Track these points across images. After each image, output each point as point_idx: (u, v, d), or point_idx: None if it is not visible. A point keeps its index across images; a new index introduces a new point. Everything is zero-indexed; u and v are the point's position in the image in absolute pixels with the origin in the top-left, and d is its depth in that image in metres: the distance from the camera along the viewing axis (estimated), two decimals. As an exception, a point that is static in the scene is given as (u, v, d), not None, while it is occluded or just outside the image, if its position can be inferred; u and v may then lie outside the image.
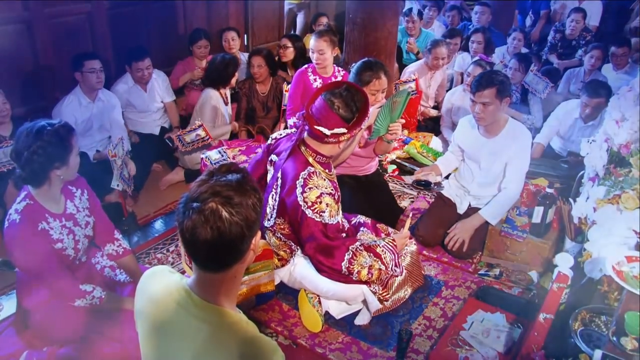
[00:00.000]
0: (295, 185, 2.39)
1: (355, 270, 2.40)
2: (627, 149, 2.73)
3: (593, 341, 1.99)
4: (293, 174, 2.42)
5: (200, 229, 1.21)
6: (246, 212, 1.23)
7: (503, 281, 3.03)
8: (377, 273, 2.43)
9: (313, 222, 2.37)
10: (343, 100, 2.32)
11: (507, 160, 3.11)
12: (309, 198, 2.37)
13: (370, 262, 2.42)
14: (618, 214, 2.43)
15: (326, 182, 2.44)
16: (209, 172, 1.29)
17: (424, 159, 4.31)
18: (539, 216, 3.01)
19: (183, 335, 1.32)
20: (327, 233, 2.40)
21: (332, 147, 2.42)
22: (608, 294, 2.22)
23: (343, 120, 2.32)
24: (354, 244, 2.44)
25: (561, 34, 5.91)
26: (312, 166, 2.43)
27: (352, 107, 2.33)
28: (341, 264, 2.40)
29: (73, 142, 2.20)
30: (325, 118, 2.33)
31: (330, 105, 2.32)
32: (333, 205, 2.43)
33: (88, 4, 4.12)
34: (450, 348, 2.47)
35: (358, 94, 2.36)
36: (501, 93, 2.97)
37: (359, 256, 2.40)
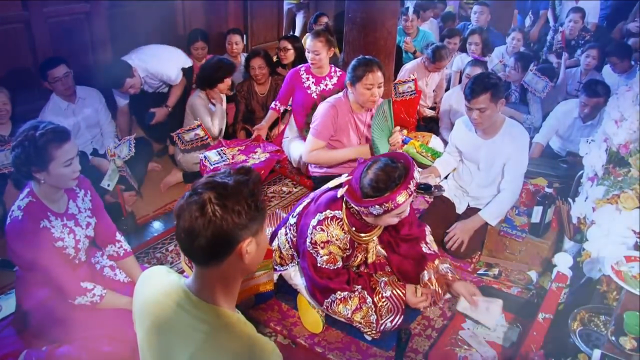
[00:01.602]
0: (315, 216, 2.37)
1: (333, 313, 2.44)
2: (626, 148, 2.73)
3: (592, 341, 1.99)
4: (322, 205, 2.40)
5: (184, 215, 1.24)
6: (228, 215, 1.23)
7: (502, 281, 3.03)
8: (357, 323, 2.43)
9: (309, 255, 2.39)
10: (376, 172, 2.20)
11: (505, 161, 3.11)
12: (315, 237, 2.35)
13: (350, 314, 2.40)
14: (617, 213, 2.44)
15: (344, 236, 2.37)
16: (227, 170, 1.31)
17: (424, 158, 4.29)
18: (538, 216, 3.01)
19: (181, 335, 1.32)
20: (317, 272, 2.41)
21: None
22: (607, 293, 2.22)
23: (360, 188, 2.22)
24: (343, 292, 2.40)
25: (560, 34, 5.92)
26: (340, 212, 2.37)
27: (377, 185, 2.18)
28: (324, 300, 2.43)
29: (54, 153, 2.10)
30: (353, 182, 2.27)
31: (365, 168, 2.23)
32: (337, 254, 2.39)
33: (87, 3, 4.11)
34: (449, 348, 2.47)
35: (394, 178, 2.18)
36: (495, 96, 2.96)
37: (339, 306, 2.40)
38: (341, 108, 3.36)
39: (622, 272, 1.98)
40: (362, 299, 2.43)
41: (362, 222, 2.37)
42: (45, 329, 2.33)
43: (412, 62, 5.12)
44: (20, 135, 2.10)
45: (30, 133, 2.08)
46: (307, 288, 2.56)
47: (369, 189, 2.19)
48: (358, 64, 3.17)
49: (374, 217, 2.26)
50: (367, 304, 2.43)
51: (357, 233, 2.43)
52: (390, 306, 2.47)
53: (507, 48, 5.57)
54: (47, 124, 2.14)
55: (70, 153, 2.16)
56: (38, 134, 2.08)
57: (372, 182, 2.19)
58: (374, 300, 2.45)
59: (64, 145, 2.13)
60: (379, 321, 2.44)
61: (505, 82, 4.76)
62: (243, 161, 3.94)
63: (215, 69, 3.95)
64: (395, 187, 2.17)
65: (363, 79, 3.12)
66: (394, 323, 2.46)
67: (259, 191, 1.30)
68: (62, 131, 2.15)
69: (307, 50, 3.90)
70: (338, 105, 3.36)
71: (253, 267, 1.37)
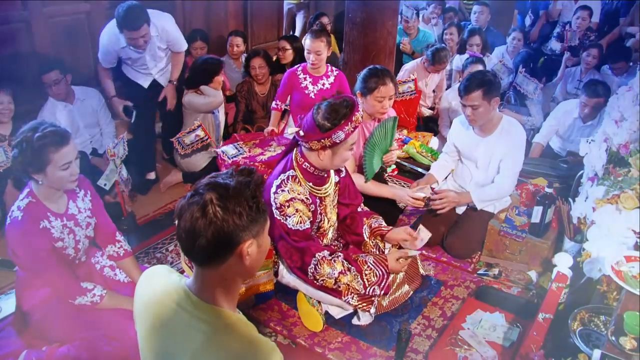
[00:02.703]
0: (272, 183, 2.44)
1: (320, 278, 2.42)
2: (626, 148, 2.73)
3: (592, 341, 1.99)
4: (275, 174, 2.49)
5: (186, 215, 1.24)
6: (229, 216, 1.23)
7: (502, 281, 3.04)
8: (344, 287, 2.44)
9: (280, 223, 2.41)
10: (325, 108, 2.33)
11: (502, 157, 3.12)
12: (278, 200, 2.41)
13: (337, 274, 2.41)
14: (617, 213, 2.44)
15: (303, 189, 2.45)
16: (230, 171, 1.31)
17: (423, 158, 4.31)
18: (538, 216, 3.01)
19: (181, 335, 1.32)
20: (291, 236, 2.42)
21: (315, 155, 2.42)
22: (607, 293, 2.22)
23: (317, 127, 2.32)
24: (320, 252, 2.43)
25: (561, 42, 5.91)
26: (293, 170, 2.45)
27: (331, 116, 2.30)
28: (308, 268, 2.43)
29: (52, 156, 2.09)
30: (306, 122, 2.37)
31: (314, 111, 2.35)
32: (304, 211, 2.43)
33: (87, 3, 4.12)
34: (450, 348, 2.47)
35: (342, 107, 2.32)
36: (488, 94, 2.96)
37: (323, 265, 2.41)
38: None
39: (622, 272, 1.98)
40: (346, 267, 2.45)
41: (315, 175, 2.48)
42: (45, 329, 2.33)
43: (412, 62, 5.12)
44: (19, 136, 2.09)
45: (29, 135, 2.07)
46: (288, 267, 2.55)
47: (327, 121, 2.30)
48: (370, 75, 3.08)
49: (332, 155, 2.39)
50: (352, 272, 2.44)
51: (314, 187, 2.50)
52: (376, 273, 2.48)
53: (508, 48, 5.57)
54: (47, 125, 2.12)
55: (68, 156, 2.14)
56: (36, 137, 2.06)
57: (328, 115, 2.31)
58: (359, 269, 2.46)
59: (61, 149, 2.11)
60: (367, 286, 2.45)
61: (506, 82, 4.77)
62: (260, 154, 3.95)
63: (202, 71, 3.96)
64: (350, 112, 2.31)
65: (375, 92, 3.06)
66: (382, 287, 2.48)
67: (260, 193, 1.30)
68: (61, 134, 2.13)
69: (307, 50, 3.89)
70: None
71: (254, 269, 1.37)
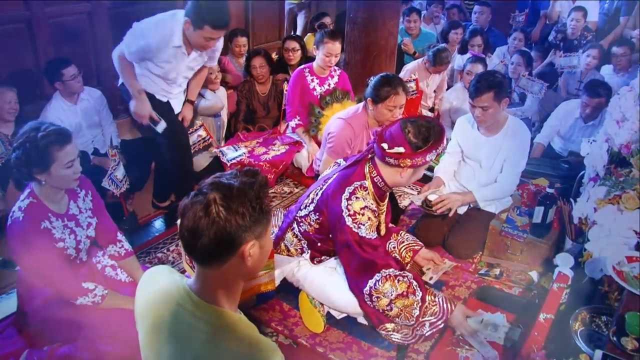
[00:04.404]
0: (344, 190, 2.42)
1: (375, 295, 2.38)
2: (627, 149, 2.73)
3: (593, 341, 2.00)
4: (347, 179, 2.46)
5: (189, 214, 1.24)
6: (232, 216, 1.23)
7: (503, 281, 3.03)
8: (396, 311, 2.38)
9: (350, 230, 2.39)
10: (416, 127, 2.34)
11: (505, 157, 3.12)
12: (352, 207, 2.39)
13: (395, 296, 2.36)
14: (619, 214, 2.44)
15: (372, 202, 2.45)
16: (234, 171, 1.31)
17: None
18: (539, 216, 3.00)
19: (182, 335, 1.32)
20: (362, 246, 2.40)
21: (394, 172, 2.41)
22: (608, 294, 2.22)
23: (408, 144, 2.32)
24: (388, 269, 2.40)
25: (562, 34, 5.91)
26: (366, 181, 2.45)
27: (423, 135, 2.33)
28: (368, 281, 2.39)
29: (56, 154, 2.11)
30: (393, 138, 2.36)
31: (403, 128, 2.35)
32: (374, 220, 2.44)
33: (89, 3, 4.11)
34: (451, 348, 2.47)
35: (435, 128, 2.37)
36: (499, 95, 2.97)
37: (385, 283, 2.37)
38: (357, 125, 3.29)
39: (623, 272, 1.98)
40: (412, 289, 2.38)
41: (381, 190, 2.50)
42: (46, 329, 2.33)
43: (413, 62, 5.12)
44: (22, 137, 2.10)
45: (32, 134, 2.08)
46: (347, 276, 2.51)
47: (419, 141, 2.34)
48: (383, 83, 3.07)
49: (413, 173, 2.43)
50: (416, 297, 2.38)
51: (378, 201, 2.52)
52: (436, 310, 2.42)
53: (509, 48, 5.57)
54: (48, 125, 2.14)
55: (71, 155, 2.16)
56: (40, 136, 2.08)
57: (418, 134, 2.34)
58: (424, 295, 2.40)
59: (65, 147, 2.13)
60: (419, 319, 2.39)
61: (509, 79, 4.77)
62: (263, 153, 3.96)
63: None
64: (441, 134, 2.37)
65: (387, 100, 3.06)
66: (433, 327, 2.43)
67: (264, 194, 1.30)
68: (63, 133, 2.15)
69: (326, 53, 3.84)
70: (354, 123, 3.30)
71: (255, 270, 1.37)
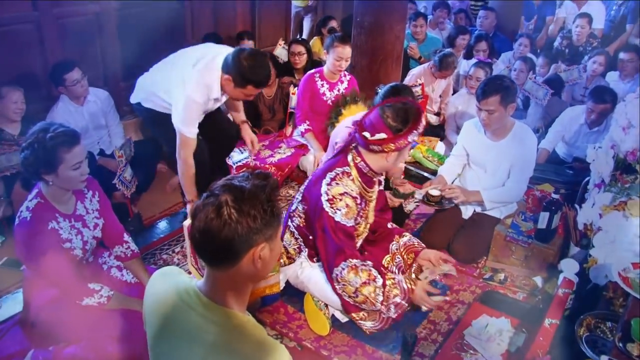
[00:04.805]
0: (325, 176, 2.46)
1: (342, 282, 2.44)
2: (633, 155, 2.74)
3: (598, 347, 2.00)
4: (330, 167, 2.51)
5: (200, 215, 1.25)
6: (243, 219, 1.24)
7: (508, 286, 3.04)
8: (362, 298, 2.44)
9: (327, 215, 2.42)
10: (394, 111, 2.36)
11: (513, 163, 3.13)
12: (331, 191, 2.43)
13: (360, 284, 2.42)
14: (624, 220, 2.44)
15: (355, 187, 2.48)
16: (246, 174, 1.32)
17: (430, 163, 4.31)
18: (544, 222, 3.01)
19: (191, 336, 1.32)
20: (337, 232, 2.43)
21: (379, 158, 2.43)
22: (613, 300, 2.23)
23: (388, 129, 2.34)
24: (353, 259, 2.45)
25: (568, 41, 5.91)
26: (348, 167, 2.48)
27: (401, 118, 2.35)
28: (334, 269, 2.43)
29: (64, 156, 2.12)
30: (374, 125, 2.37)
31: (381, 114, 2.37)
32: (353, 208, 2.46)
33: (97, 5, 4.13)
34: (455, 352, 2.48)
35: (412, 108, 2.38)
36: (505, 100, 2.98)
37: (351, 272, 2.42)
38: None
39: (629, 278, 1.97)
40: (372, 277, 2.44)
41: (367, 176, 2.51)
42: (52, 329, 2.32)
43: (419, 67, 5.13)
44: (30, 137, 2.11)
45: (41, 135, 2.09)
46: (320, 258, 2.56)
47: (399, 124, 2.34)
48: (391, 93, 3.02)
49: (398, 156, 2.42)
50: (377, 283, 2.44)
51: (365, 187, 2.53)
52: (398, 292, 2.48)
53: (515, 54, 5.57)
54: (57, 126, 2.15)
55: (79, 156, 2.17)
56: (48, 137, 2.09)
57: (397, 118, 2.35)
58: (384, 282, 2.46)
59: (73, 149, 2.14)
60: (384, 303, 2.45)
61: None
62: (269, 156, 3.97)
63: None
64: (419, 113, 2.38)
65: None
66: (399, 308, 2.48)
67: (275, 197, 1.31)
68: (72, 134, 2.16)
69: (337, 57, 3.84)
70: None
71: (265, 273, 1.38)
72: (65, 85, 3.56)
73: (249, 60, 2.89)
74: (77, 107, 3.70)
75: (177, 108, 3.02)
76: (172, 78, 3.07)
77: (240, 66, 2.89)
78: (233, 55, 2.93)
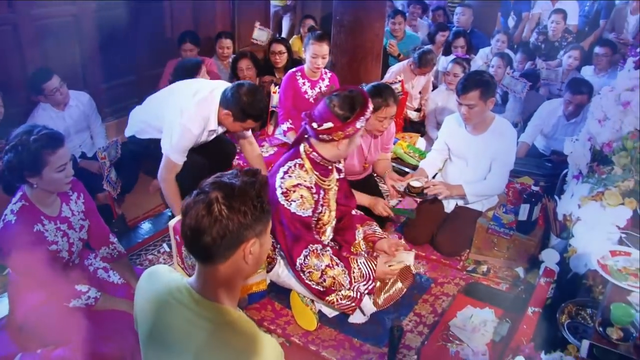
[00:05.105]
0: (279, 170, 2.49)
1: (307, 270, 2.47)
2: (609, 147, 2.81)
3: (579, 333, 2.05)
4: (283, 161, 2.55)
5: (191, 213, 1.27)
6: (234, 215, 1.26)
7: (491, 277, 3.10)
8: (330, 281, 2.47)
9: (283, 208, 2.45)
10: (340, 99, 2.39)
11: (493, 157, 3.18)
12: (284, 184, 2.46)
13: (323, 266, 2.45)
14: (602, 210, 2.51)
15: (310, 178, 2.51)
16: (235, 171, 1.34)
17: (411, 158, 4.36)
18: (525, 214, 3.07)
19: (183, 332, 1.33)
20: (294, 222, 2.46)
21: (330, 147, 2.47)
22: (593, 287, 2.28)
23: (336, 118, 2.37)
24: (315, 244, 2.49)
25: (544, 36, 6.02)
26: (301, 159, 2.52)
27: (348, 105, 2.38)
28: (297, 258, 2.47)
29: (48, 158, 2.11)
30: (322, 115, 2.40)
31: (328, 104, 2.40)
32: (308, 198, 2.49)
33: (74, 6, 4.10)
34: (441, 343, 2.52)
35: (358, 97, 2.41)
36: (485, 94, 3.03)
37: (313, 257, 2.45)
38: None
39: (608, 266, 2.04)
40: (334, 262, 2.50)
41: (322, 166, 2.55)
42: (39, 332, 2.31)
43: (398, 64, 5.18)
44: (14, 140, 2.09)
45: (24, 138, 2.08)
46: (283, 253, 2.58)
47: (346, 112, 2.38)
48: (373, 93, 3.01)
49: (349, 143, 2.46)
50: (339, 267, 2.49)
51: (321, 177, 2.57)
52: (363, 272, 2.53)
53: (492, 49, 5.65)
54: (41, 128, 2.13)
55: (63, 158, 2.16)
56: (32, 139, 2.07)
57: (346, 105, 2.38)
58: (347, 265, 2.51)
59: (57, 151, 2.13)
60: (352, 282, 2.50)
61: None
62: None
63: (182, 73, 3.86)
64: (365, 100, 2.42)
65: (377, 111, 3.05)
66: (368, 285, 2.53)
67: (265, 193, 1.33)
68: (56, 137, 2.14)
69: (313, 54, 3.88)
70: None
71: (255, 268, 1.40)
72: (44, 95, 3.51)
73: (249, 96, 2.97)
74: (58, 112, 3.66)
75: (169, 134, 3.08)
76: (170, 105, 3.14)
77: (241, 102, 2.98)
78: (232, 91, 3.01)
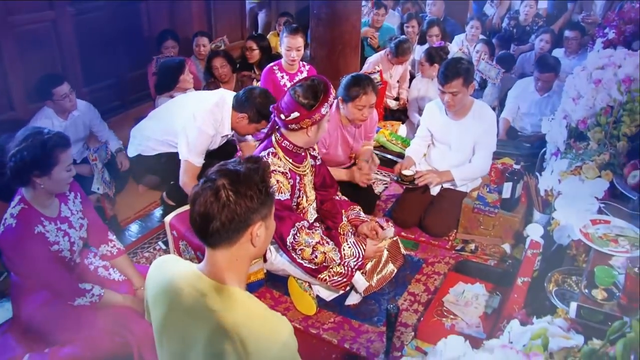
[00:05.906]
0: None
1: (298, 248, 2.55)
2: (584, 124, 2.94)
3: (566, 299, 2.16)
4: (257, 152, 2.66)
5: (199, 200, 1.33)
6: (241, 200, 1.32)
7: (479, 255, 3.21)
8: (321, 257, 2.56)
9: None
10: (303, 89, 2.51)
11: (476, 140, 3.29)
12: None
13: (314, 242, 2.56)
14: (580, 183, 2.63)
15: (283, 164, 2.62)
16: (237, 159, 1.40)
17: (394, 146, 4.46)
18: (508, 192, 3.18)
19: (197, 316, 1.38)
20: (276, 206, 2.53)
21: (301, 134, 2.58)
22: (576, 256, 2.39)
23: (301, 107, 2.48)
24: (300, 222, 2.59)
25: (515, 21, 6.16)
26: (272, 148, 2.62)
27: (311, 93, 2.49)
28: (286, 237, 2.55)
29: (60, 157, 2.18)
30: (288, 106, 2.51)
31: (293, 94, 2.50)
32: (284, 183, 2.60)
33: (52, 11, 4.10)
34: (436, 318, 2.61)
35: (320, 85, 2.52)
36: (467, 81, 3.14)
37: (302, 234, 2.55)
38: (331, 124, 3.33)
39: (589, 234, 2.16)
40: (324, 240, 2.61)
41: (294, 153, 2.66)
42: (46, 332, 2.34)
43: (376, 55, 5.25)
44: (26, 140, 2.13)
45: (38, 137, 2.13)
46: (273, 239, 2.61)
47: (310, 100, 2.50)
48: (353, 83, 3.16)
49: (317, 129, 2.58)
50: (330, 245, 2.60)
51: (294, 163, 2.67)
52: (353, 252, 2.65)
53: (467, 36, 5.76)
54: (48, 129, 2.20)
55: (71, 158, 2.25)
56: (46, 138, 2.14)
57: (309, 94, 2.50)
58: (337, 243, 2.63)
59: (67, 150, 2.21)
60: (343, 258, 2.61)
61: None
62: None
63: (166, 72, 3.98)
64: (327, 87, 2.52)
65: (356, 100, 3.13)
66: (357, 263, 2.65)
67: (268, 177, 1.40)
68: (65, 137, 2.23)
69: (286, 48, 3.96)
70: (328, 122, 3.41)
71: (262, 250, 1.47)
72: (53, 100, 3.45)
73: (262, 98, 3.19)
74: (61, 122, 3.56)
75: (185, 140, 3.19)
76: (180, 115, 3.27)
77: (255, 104, 3.19)
78: (246, 95, 3.22)
